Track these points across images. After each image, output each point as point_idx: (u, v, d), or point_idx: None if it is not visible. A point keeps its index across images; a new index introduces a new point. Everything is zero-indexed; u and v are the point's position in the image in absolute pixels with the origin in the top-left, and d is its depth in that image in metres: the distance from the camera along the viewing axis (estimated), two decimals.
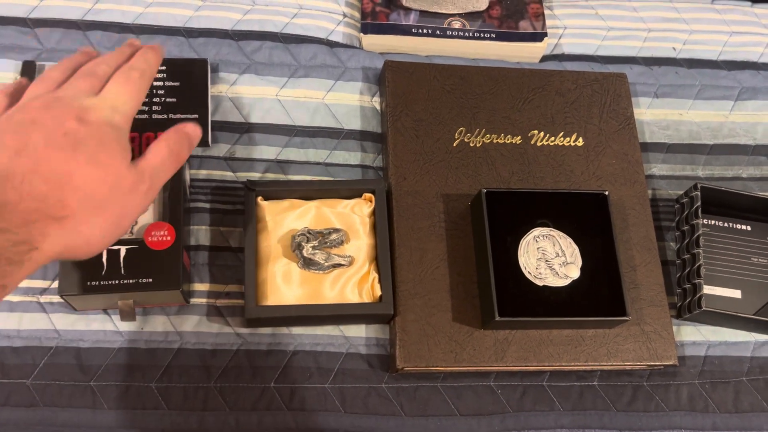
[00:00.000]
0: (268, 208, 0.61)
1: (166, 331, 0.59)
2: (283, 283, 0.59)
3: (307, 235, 0.59)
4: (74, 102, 0.45)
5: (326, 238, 0.59)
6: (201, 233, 0.63)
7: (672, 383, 0.63)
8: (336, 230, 0.60)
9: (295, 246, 0.59)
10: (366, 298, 0.59)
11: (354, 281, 0.60)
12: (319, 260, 0.58)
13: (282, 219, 0.60)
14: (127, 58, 0.50)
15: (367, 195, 0.63)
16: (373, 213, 0.62)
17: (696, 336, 0.66)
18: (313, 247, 0.59)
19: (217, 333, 0.60)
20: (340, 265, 0.59)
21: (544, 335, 0.61)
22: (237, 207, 0.64)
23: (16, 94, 0.49)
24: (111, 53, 0.51)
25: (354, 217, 0.62)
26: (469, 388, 0.61)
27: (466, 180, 0.65)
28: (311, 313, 0.57)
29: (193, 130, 0.50)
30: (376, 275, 0.60)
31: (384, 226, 0.60)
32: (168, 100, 0.65)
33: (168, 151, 0.48)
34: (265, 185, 0.61)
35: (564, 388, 0.62)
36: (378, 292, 0.59)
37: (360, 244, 0.61)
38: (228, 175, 0.65)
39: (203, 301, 0.61)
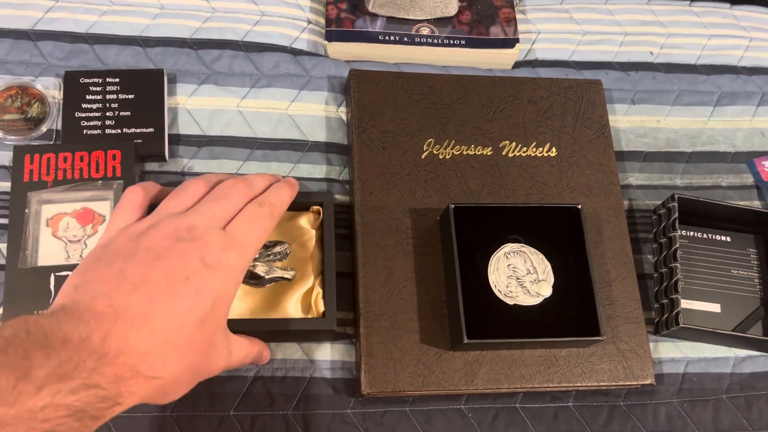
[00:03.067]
0: None
1: None
2: None
3: None
4: (205, 236, 0.45)
5: (269, 250, 0.57)
6: None
7: (649, 402, 0.61)
8: (280, 242, 0.57)
9: None
10: (309, 314, 0.57)
11: (297, 296, 0.57)
12: (259, 273, 0.55)
13: None
14: (264, 185, 0.51)
15: (315, 207, 0.60)
16: (321, 226, 0.59)
17: (674, 352, 0.63)
18: (254, 260, 0.56)
19: None
20: (282, 278, 0.56)
21: (516, 356, 0.58)
22: None
23: (156, 195, 0.50)
24: (252, 175, 0.52)
25: (301, 230, 0.59)
26: (439, 411, 0.59)
27: (434, 194, 0.63)
28: (247, 329, 0.54)
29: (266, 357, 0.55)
30: (320, 290, 0.57)
31: (331, 239, 0.58)
32: (122, 114, 0.63)
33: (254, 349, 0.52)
34: None
35: (538, 410, 0.60)
36: (321, 308, 0.56)
37: (306, 258, 0.58)
38: None
39: None
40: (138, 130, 0.62)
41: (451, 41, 0.70)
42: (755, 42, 0.78)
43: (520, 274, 0.59)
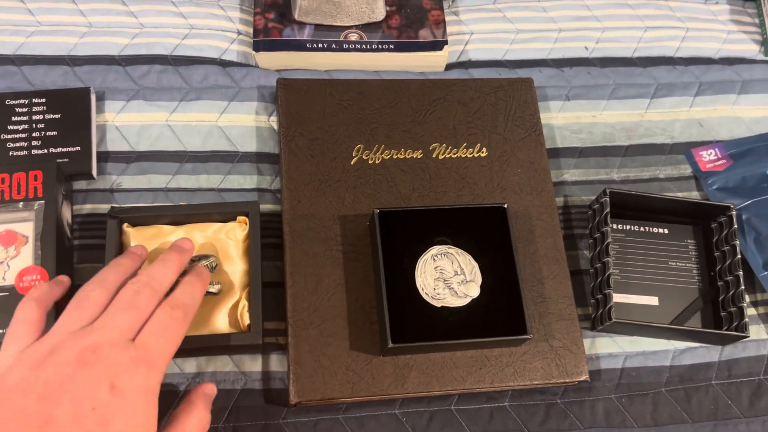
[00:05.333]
0: (135, 236, 0.58)
1: None
2: None
3: None
4: (111, 355, 0.42)
5: (195, 265, 0.57)
6: (86, 271, 0.60)
7: (587, 399, 0.61)
8: (206, 256, 0.57)
9: None
10: (235, 328, 0.57)
11: (225, 310, 0.57)
12: None
13: (150, 246, 0.58)
14: (171, 278, 0.49)
15: (242, 218, 0.60)
16: (248, 237, 0.59)
17: (612, 347, 0.63)
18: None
19: None
20: (208, 293, 0.56)
21: (447, 358, 0.58)
22: None
23: (51, 300, 0.48)
24: (157, 269, 0.48)
25: (227, 241, 0.59)
26: (373, 417, 0.58)
27: (364, 199, 0.63)
28: None
29: (210, 389, 0.51)
30: (246, 303, 0.57)
31: (256, 250, 0.58)
32: (48, 134, 0.63)
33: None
34: (130, 212, 0.58)
35: (473, 411, 0.60)
36: (247, 321, 0.56)
37: (233, 270, 0.58)
38: (117, 206, 0.62)
39: None
40: (65, 149, 0.62)
41: (380, 46, 0.70)
42: (691, 32, 0.78)
43: (447, 276, 0.58)
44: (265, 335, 0.58)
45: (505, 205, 0.60)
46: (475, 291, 0.58)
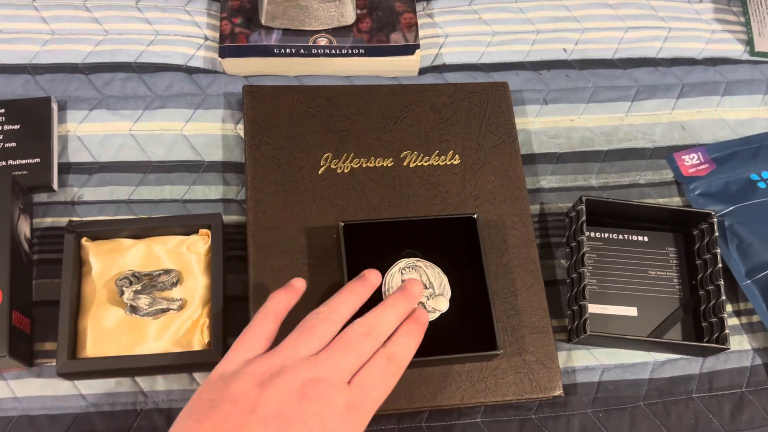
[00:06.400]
0: (93, 250, 0.56)
1: (3, 398, 0.55)
2: (107, 332, 0.54)
3: (130, 278, 0.55)
4: (330, 395, 0.43)
5: (155, 280, 0.55)
6: (46, 287, 0.58)
7: (562, 414, 0.59)
8: (167, 271, 0.55)
9: (119, 291, 0.54)
10: (197, 345, 0.55)
11: (186, 327, 0.55)
12: (142, 306, 0.54)
13: (109, 261, 0.56)
14: (394, 326, 0.49)
15: (204, 231, 0.58)
16: (211, 250, 0.57)
17: (589, 360, 0.61)
18: (136, 291, 0.54)
19: (63, 395, 0.55)
20: (168, 309, 0.54)
21: (416, 374, 0.56)
22: None
23: (287, 312, 0.49)
24: (385, 312, 0.49)
25: (189, 255, 0.57)
26: None
27: (332, 210, 0.61)
28: (127, 365, 0.53)
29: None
30: (207, 320, 0.55)
31: (218, 264, 0.56)
32: (7, 145, 0.61)
33: None
34: (89, 226, 0.57)
35: (444, 428, 0.58)
36: (207, 338, 0.55)
37: (195, 285, 0.57)
38: (75, 220, 0.61)
39: (51, 361, 0.56)
40: (24, 161, 0.61)
41: (351, 51, 0.68)
42: (674, 32, 0.76)
43: None
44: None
45: (475, 216, 0.58)
46: (444, 305, 0.56)
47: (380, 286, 0.56)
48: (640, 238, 0.66)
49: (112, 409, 0.55)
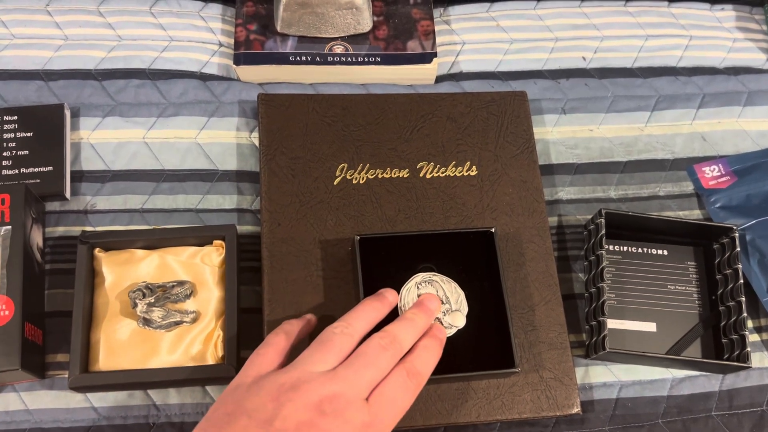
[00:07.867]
0: (106, 261, 0.56)
1: (15, 411, 0.54)
2: (119, 345, 0.54)
3: (144, 290, 0.54)
4: (347, 412, 0.42)
5: (168, 292, 0.54)
6: (58, 297, 0.58)
7: (579, 431, 0.58)
8: (180, 283, 0.55)
9: (132, 303, 0.54)
10: (210, 359, 0.54)
11: (200, 340, 0.55)
12: (155, 318, 0.53)
13: (122, 272, 0.55)
14: (413, 340, 0.48)
15: (218, 242, 0.57)
16: (225, 262, 0.57)
17: (607, 376, 0.60)
18: (150, 304, 0.53)
19: (75, 408, 0.55)
20: (182, 322, 0.54)
21: (432, 390, 0.56)
22: None
23: (300, 337, 0.50)
24: (403, 327, 0.48)
25: (203, 267, 0.57)
26: None
27: (347, 222, 0.60)
28: (140, 380, 0.52)
29: None
30: (222, 333, 0.55)
31: (233, 277, 0.55)
32: (20, 153, 0.60)
33: None
34: (102, 236, 0.56)
35: None
36: (221, 352, 0.54)
37: (209, 297, 0.56)
38: (88, 230, 0.60)
39: (63, 373, 0.56)
40: (36, 170, 0.60)
41: (367, 59, 0.67)
42: (695, 40, 0.75)
43: None
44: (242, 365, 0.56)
45: (493, 230, 0.57)
46: (461, 321, 0.55)
47: (397, 304, 0.55)
48: (660, 251, 0.65)
49: (124, 422, 0.54)
